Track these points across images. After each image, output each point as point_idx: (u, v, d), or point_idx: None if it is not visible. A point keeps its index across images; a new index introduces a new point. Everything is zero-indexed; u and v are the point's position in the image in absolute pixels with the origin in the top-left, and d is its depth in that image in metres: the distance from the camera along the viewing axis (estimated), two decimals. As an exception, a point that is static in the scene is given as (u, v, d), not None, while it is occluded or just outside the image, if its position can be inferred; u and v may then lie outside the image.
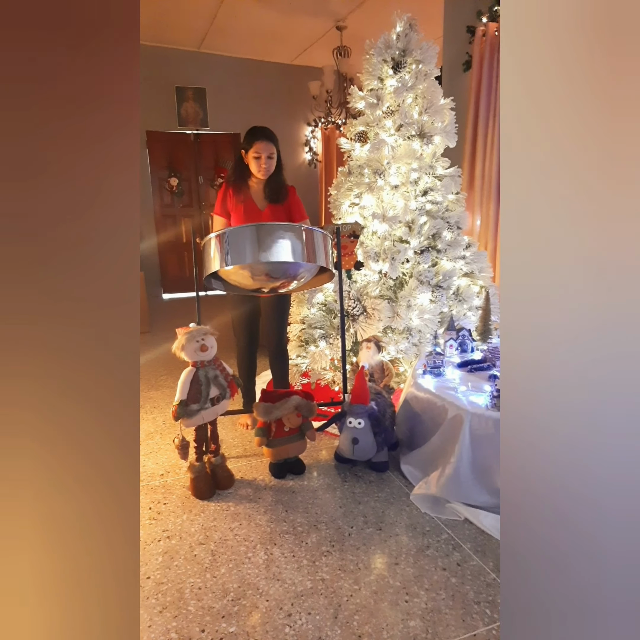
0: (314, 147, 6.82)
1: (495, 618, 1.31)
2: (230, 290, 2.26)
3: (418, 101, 2.73)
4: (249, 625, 1.31)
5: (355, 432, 1.96)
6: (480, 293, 2.85)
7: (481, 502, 1.76)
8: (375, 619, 1.32)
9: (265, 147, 2.21)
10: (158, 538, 1.67)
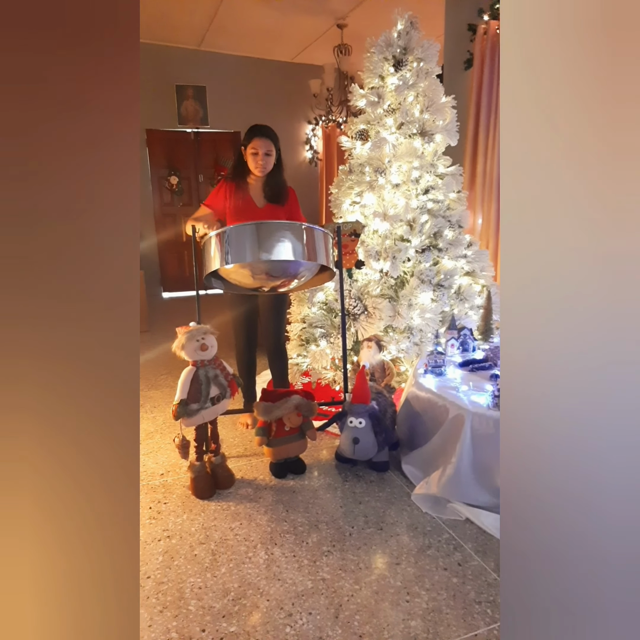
0: (314, 145, 6.81)
1: (497, 618, 1.31)
2: (230, 289, 2.25)
3: (419, 99, 2.72)
4: (249, 625, 1.31)
5: (356, 431, 1.95)
6: (481, 292, 2.84)
7: (482, 502, 1.76)
8: (376, 618, 1.32)
9: (263, 143, 2.20)
10: (158, 537, 1.67)
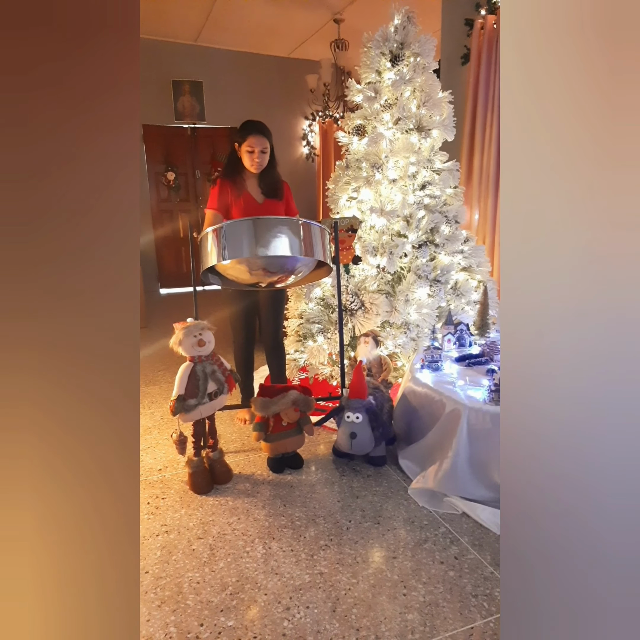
0: (311, 140, 6.78)
1: (493, 611, 1.32)
2: (227, 285, 2.24)
3: (416, 94, 2.72)
4: (247, 619, 1.32)
5: (353, 426, 1.96)
6: (478, 287, 2.85)
7: (478, 496, 1.77)
8: (373, 612, 1.33)
9: (259, 141, 2.19)
10: (156, 533, 1.67)
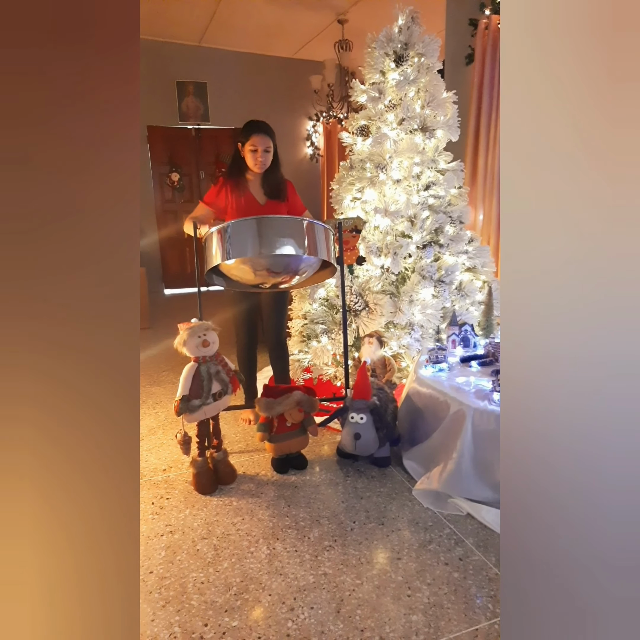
0: (315, 141, 6.79)
1: (498, 613, 1.32)
2: (231, 286, 2.25)
3: (420, 95, 2.71)
4: (251, 619, 1.32)
5: (357, 427, 1.96)
6: (482, 288, 2.84)
7: (483, 498, 1.76)
8: (378, 613, 1.33)
9: (262, 140, 2.20)
10: (161, 533, 1.68)
